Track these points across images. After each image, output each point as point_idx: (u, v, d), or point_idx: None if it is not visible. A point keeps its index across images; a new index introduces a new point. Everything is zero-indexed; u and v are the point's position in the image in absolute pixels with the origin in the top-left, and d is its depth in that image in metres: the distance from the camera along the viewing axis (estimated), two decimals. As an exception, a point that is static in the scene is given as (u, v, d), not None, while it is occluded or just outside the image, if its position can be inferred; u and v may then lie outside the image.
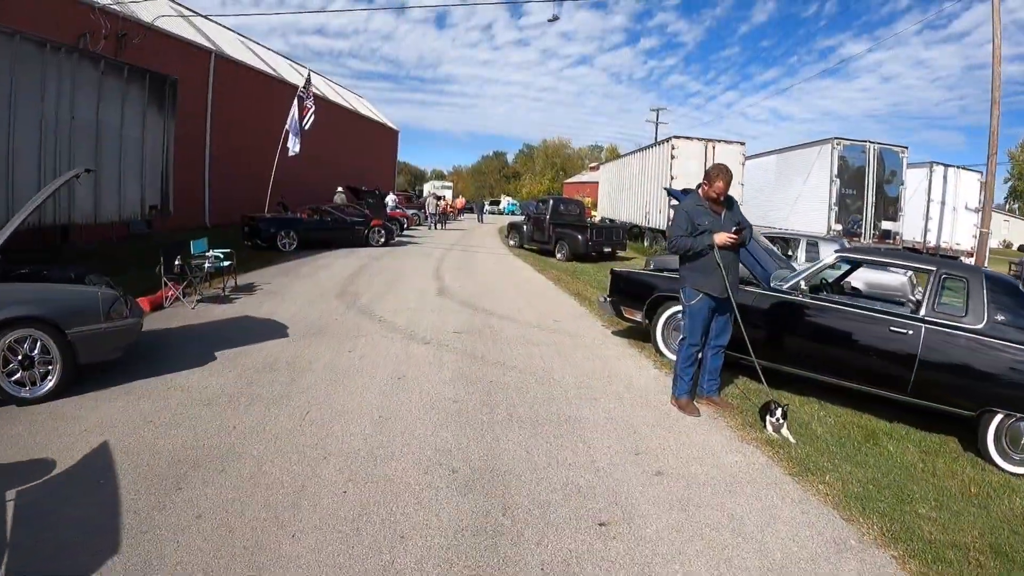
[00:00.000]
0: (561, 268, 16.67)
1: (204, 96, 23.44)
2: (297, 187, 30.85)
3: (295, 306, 9.48)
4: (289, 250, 17.59)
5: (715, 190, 5.37)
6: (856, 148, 19.06)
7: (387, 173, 51.47)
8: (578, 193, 71.10)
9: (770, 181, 23.14)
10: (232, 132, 24.92)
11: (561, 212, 20.98)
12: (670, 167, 21.06)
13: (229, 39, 28.83)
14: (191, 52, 22.66)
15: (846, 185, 19.03)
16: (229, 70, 25.17)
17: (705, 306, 5.49)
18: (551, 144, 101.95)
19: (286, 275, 13.06)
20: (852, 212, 19.11)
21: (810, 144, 20.69)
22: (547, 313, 9.80)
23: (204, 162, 23.81)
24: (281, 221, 18.31)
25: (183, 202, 22.73)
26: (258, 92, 26.58)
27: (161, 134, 14.93)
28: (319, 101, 35.35)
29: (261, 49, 34.21)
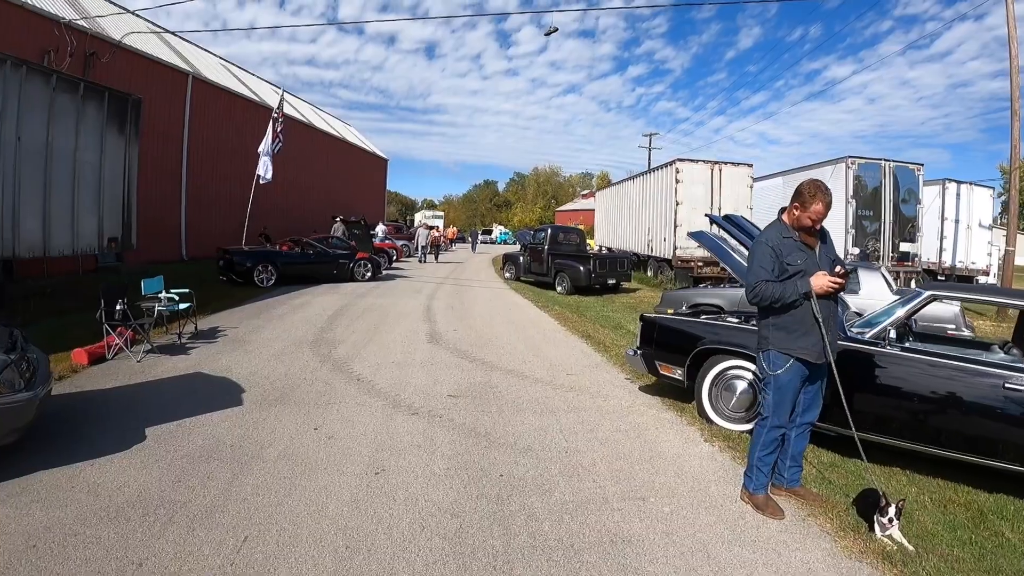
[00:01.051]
0: (563, 303, 15.23)
1: (181, 120, 22.12)
2: (283, 217, 29.46)
3: (259, 359, 7.96)
4: (267, 286, 16.22)
5: (812, 214, 3.93)
6: (871, 167, 18.11)
7: (377, 202, 50.22)
8: (571, 221, 70.10)
9: (776, 204, 21.89)
10: (212, 159, 23.58)
11: (560, 242, 19.61)
12: (674, 192, 19.79)
13: (210, 63, 27.63)
14: (167, 73, 21.39)
15: (863, 206, 18.07)
16: (208, 93, 23.90)
17: (797, 376, 4.04)
18: (542, 172, 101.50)
19: (258, 316, 11.58)
20: (869, 235, 18.09)
21: (822, 164, 19.59)
22: (558, 363, 8.30)
23: (181, 190, 22.41)
24: (258, 254, 16.89)
25: (158, 233, 21.31)
26: (240, 117, 25.26)
27: (122, 159, 13.45)
28: (304, 128, 34.23)
29: (244, 74, 33.06)
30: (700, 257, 19.81)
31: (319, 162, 36.03)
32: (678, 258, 19.83)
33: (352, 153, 43.61)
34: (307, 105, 41.99)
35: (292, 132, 31.82)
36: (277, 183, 21.65)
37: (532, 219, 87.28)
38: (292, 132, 31.82)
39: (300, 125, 33.73)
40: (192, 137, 22.49)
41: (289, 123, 31.59)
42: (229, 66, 31.64)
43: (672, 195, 19.94)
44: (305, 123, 34.66)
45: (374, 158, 49.62)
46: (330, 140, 38.62)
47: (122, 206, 13.61)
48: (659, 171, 21.55)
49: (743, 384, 5.73)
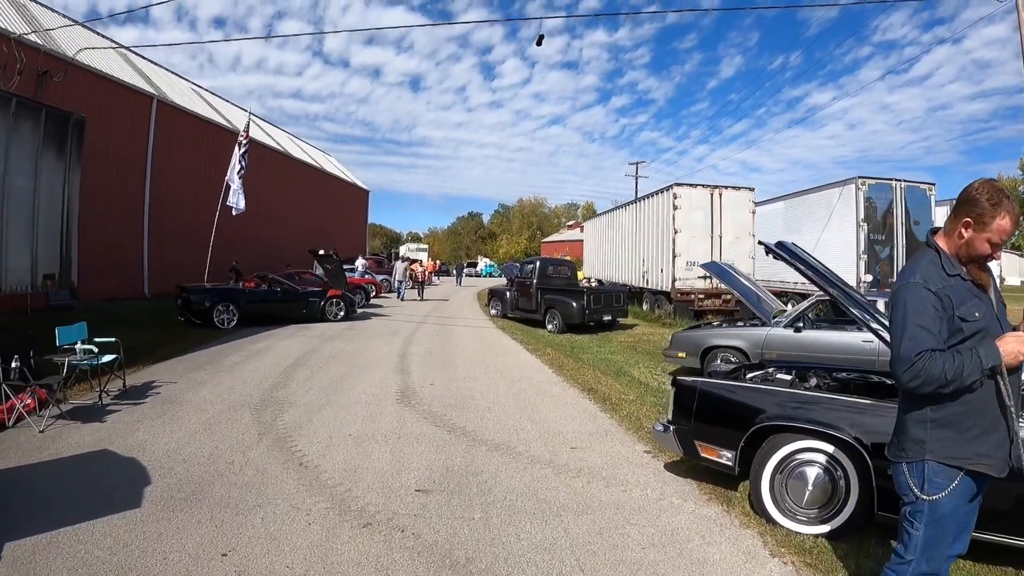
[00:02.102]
0: (556, 344, 13.66)
1: (144, 146, 20.57)
2: (256, 250, 27.78)
3: (185, 430, 6.33)
4: (228, 327, 14.67)
5: (995, 234, 2.43)
6: (882, 187, 17.13)
7: (358, 235, 48.75)
8: (557, 252, 68.89)
9: (776, 231, 20.84)
10: (178, 188, 21.97)
11: (550, 275, 18.12)
12: (672, 219, 18.41)
13: (179, 88, 26.18)
14: (128, 96, 19.88)
15: (874, 230, 17.05)
16: (176, 119, 22.39)
17: (964, 497, 2.49)
18: (527, 204, 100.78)
19: (205, 367, 9.97)
20: (882, 260, 17.03)
21: (828, 186, 18.64)
22: (558, 430, 6.67)
23: (143, 222, 20.74)
24: (218, 292, 15.34)
25: (117, 268, 19.61)
26: (211, 145, 23.68)
27: (61, 185, 11.80)
28: (280, 157, 32.68)
29: (218, 100, 31.59)
30: (701, 289, 18.45)
31: (296, 192, 34.53)
32: (677, 290, 18.39)
33: (332, 184, 42.17)
34: (284, 134, 40.62)
35: (267, 161, 30.44)
36: (250, 214, 20.14)
37: (518, 251, 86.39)
38: (267, 161, 30.44)
39: (276, 154, 32.31)
40: (156, 165, 20.90)
41: (264, 152, 30.28)
42: (200, 91, 30.22)
43: (670, 222, 18.56)
44: (281, 152, 33.24)
45: (355, 189, 48.21)
46: (308, 170, 37.17)
47: (60, 238, 11.93)
48: (655, 197, 20.19)
49: (816, 470, 4.19)
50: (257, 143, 29.06)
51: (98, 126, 18.17)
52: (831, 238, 17.97)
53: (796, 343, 9.01)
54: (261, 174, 28.13)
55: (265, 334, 13.91)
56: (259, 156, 28.98)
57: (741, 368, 5.53)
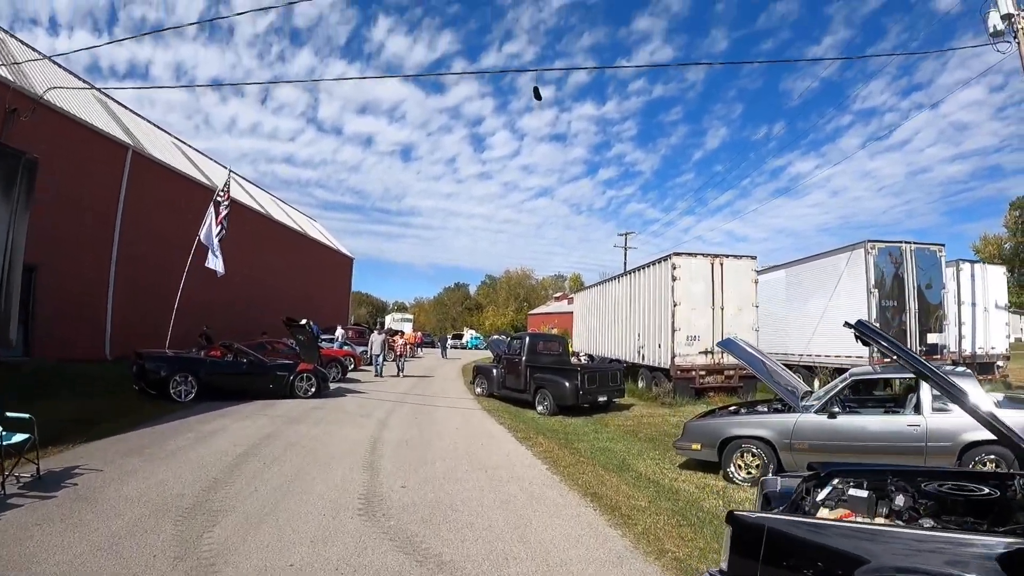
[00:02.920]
0: (548, 430, 12.25)
1: (115, 198, 19.38)
2: (232, 315, 26.35)
3: (86, 543, 5.00)
4: (185, 400, 13.29)
5: None
6: (892, 251, 16.39)
7: (341, 303, 47.49)
8: (544, 324, 67.68)
9: (778, 301, 20.08)
10: (151, 245, 20.68)
11: (539, 352, 16.84)
12: (671, 290, 17.33)
13: (159, 140, 25.28)
14: (102, 143, 18.86)
15: (886, 296, 16.17)
16: (152, 172, 21.35)
17: None
18: (514, 275, 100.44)
19: (142, 452, 8.59)
20: (895, 327, 16.05)
21: (834, 252, 17.85)
22: (560, 560, 5.18)
23: (109, 278, 19.34)
24: (176, 361, 14.02)
25: (77, 324, 18.10)
26: (188, 202, 22.42)
27: (5, 230, 10.55)
28: (262, 219, 31.55)
29: (201, 158, 30.68)
30: (702, 365, 17.25)
31: (278, 257, 33.38)
32: (677, 367, 17.11)
33: (316, 250, 41.15)
34: (268, 196, 39.79)
35: (249, 223, 29.37)
36: (228, 277, 18.96)
37: (504, 322, 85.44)
38: (249, 223, 29.37)
39: (258, 216, 31.33)
40: (128, 218, 19.67)
41: (247, 213, 29.23)
42: (183, 147, 29.33)
43: (668, 294, 17.47)
44: (264, 214, 32.24)
45: (339, 256, 47.22)
46: (291, 234, 36.18)
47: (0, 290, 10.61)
48: (652, 267, 19.18)
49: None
50: (239, 204, 28.09)
51: (67, 172, 17.17)
52: (839, 305, 17.06)
53: (830, 431, 7.77)
54: (242, 236, 27.00)
55: (223, 411, 12.41)
56: (241, 217, 27.94)
57: (803, 483, 4.23)
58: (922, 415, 7.45)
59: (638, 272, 20.77)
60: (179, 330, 17.72)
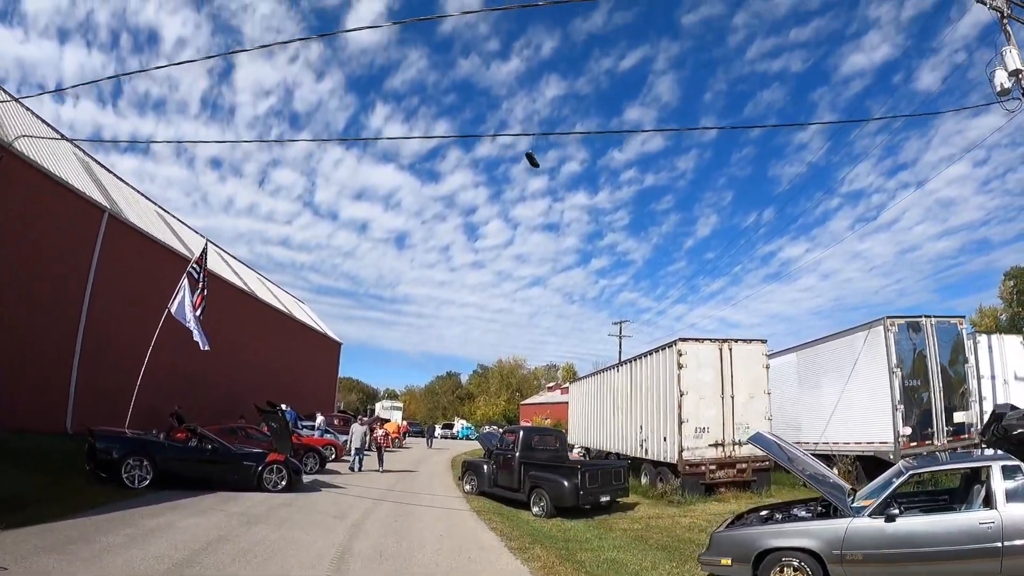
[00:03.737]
0: (546, 537, 10.73)
1: (87, 263, 18.25)
2: (209, 396, 24.78)
3: None
4: (138, 486, 11.83)
5: None
6: (912, 327, 15.53)
7: (326, 389, 45.82)
8: (536, 415, 65.61)
9: (790, 386, 19.04)
10: (124, 316, 19.40)
11: (534, 447, 15.51)
12: (677, 379, 16.14)
13: (140, 207, 24.44)
14: (75, 203, 17.91)
15: (909, 375, 15.14)
16: (129, 239, 20.36)
17: None
18: (506, 365, 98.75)
19: (63, 549, 7.15)
20: (920, 408, 15.05)
21: (850, 331, 16.96)
22: None
23: (75, 347, 17.93)
24: (132, 442, 12.53)
25: (36, 393, 16.47)
26: (166, 273, 21.21)
27: None
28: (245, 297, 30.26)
29: (184, 229, 29.75)
30: (712, 458, 15.92)
31: (261, 337, 32.06)
32: (685, 462, 15.67)
33: (302, 332, 39.89)
34: (254, 275, 38.83)
35: (231, 299, 28.22)
36: (206, 355, 17.60)
37: (496, 412, 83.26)
38: (231, 299, 28.22)
39: (241, 293, 30.21)
40: (99, 285, 18.45)
41: (229, 289, 28.08)
42: (166, 216, 28.46)
43: (674, 383, 16.26)
44: (247, 291, 31.10)
45: (327, 340, 45.89)
46: (276, 315, 34.99)
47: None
48: (655, 355, 18.04)
49: None
50: (221, 280, 27.07)
51: (35, 228, 16.24)
52: (858, 388, 16.10)
53: (891, 537, 6.40)
54: (224, 313, 25.86)
55: (176, 504, 10.85)
56: (223, 294, 26.91)
57: None
58: (995, 509, 6.15)
59: (640, 360, 19.60)
60: (147, 408, 16.42)
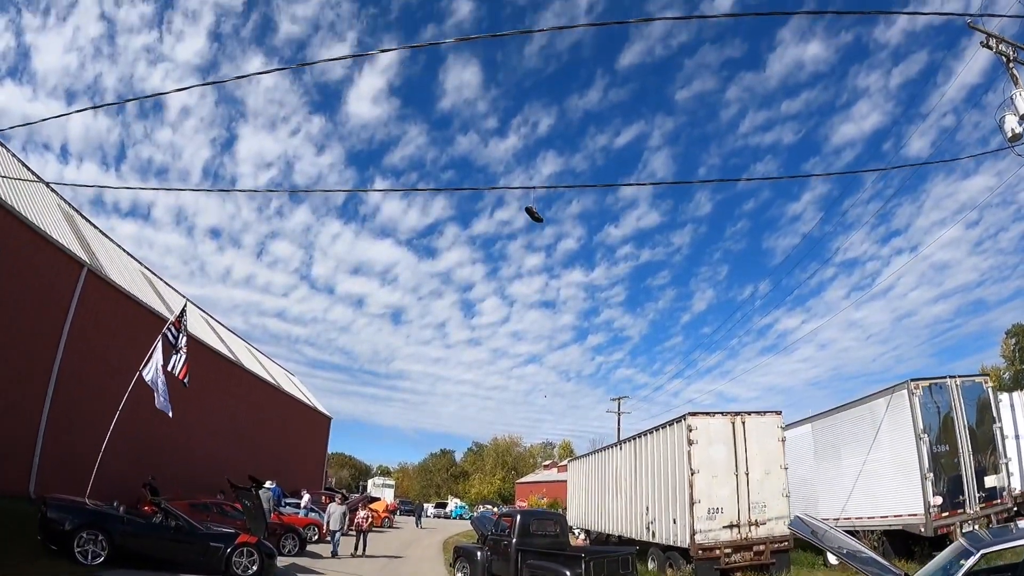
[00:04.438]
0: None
1: (61, 319, 17.15)
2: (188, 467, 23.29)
3: None
4: (91, 562, 10.73)
5: None
6: (937, 389, 14.80)
7: (315, 464, 44.08)
8: (532, 494, 63.46)
9: (805, 459, 18.11)
10: (97, 376, 18.20)
11: (533, 533, 14.32)
12: (687, 456, 15.03)
13: (125, 266, 23.63)
14: (53, 255, 16.99)
15: (937, 440, 14.34)
16: (109, 298, 19.40)
17: None
18: (501, 442, 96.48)
19: None
20: (950, 475, 14.22)
21: (870, 398, 16.19)
22: None
23: (43, 407, 16.67)
24: (87, 514, 11.33)
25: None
26: (148, 336, 20.21)
27: None
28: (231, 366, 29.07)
29: (170, 292, 28.80)
30: (728, 541, 14.66)
31: (247, 408, 30.73)
32: (698, 546, 14.35)
33: (291, 405, 38.50)
34: (242, 343, 37.74)
35: (215, 367, 27.10)
36: (188, 424, 16.50)
37: (491, 491, 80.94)
38: (215, 367, 27.10)
39: (227, 361, 29.04)
40: (73, 344, 17.28)
41: (214, 357, 26.96)
42: (151, 276, 27.59)
43: (684, 460, 15.13)
44: (233, 360, 29.96)
45: (317, 415, 44.38)
46: (263, 386, 33.72)
47: None
48: (663, 431, 16.97)
49: None
50: (207, 347, 26.02)
51: (9, 279, 15.35)
52: (881, 458, 15.23)
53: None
54: (209, 382, 24.81)
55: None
56: (209, 362, 25.90)
57: None
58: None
59: (645, 437, 18.48)
60: (118, 476, 15.44)
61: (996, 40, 13.24)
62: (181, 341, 14.66)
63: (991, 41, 13.26)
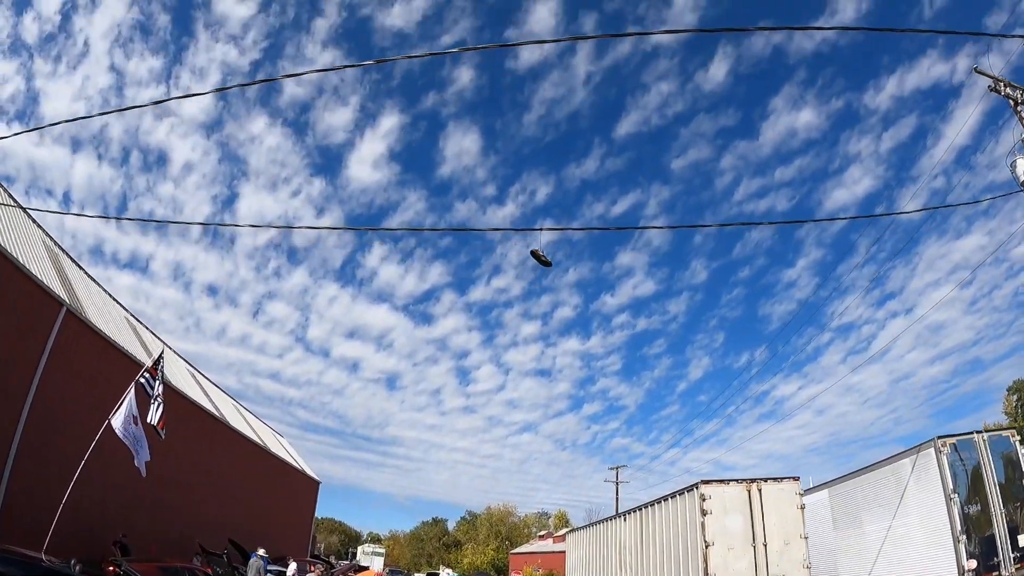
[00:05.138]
0: None
1: (35, 360, 15.94)
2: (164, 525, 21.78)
3: None
4: None
5: None
6: (965, 445, 13.97)
7: (302, 529, 42.08)
8: (527, 565, 61.02)
9: (824, 527, 17.16)
10: (71, 424, 16.89)
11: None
12: (701, 528, 14.01)
13: (107, 310, 22.53)
14: (31, 291, 15.94)
15: (967, 500, 13.45)
16: (86, 341, 18.23)
17: None
18: (495, 512, 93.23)
19: None
20: (984, 535, 13.21)
21: (893, 459, 15.34)
22: None
23: (9, 448, 15.37)
24: (33, 570, 10.20)
25: None
26: (125, 381, 19.03)
27: None
28: (215, 423, 27.66)
29: (155, 341, 27.52)
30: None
31: (231, 468, 29.27)
32: (716, 628, 13.12)
33: (278, 467, 36.95)
34: (227, 399, 36.35)
35: (199, 424, 25.86)
36: (163, 479, 15.24)
37: (484, 561, 77.80)
38: (199, 424, 25.86)
39: (212, 419, 27.78)
40: (45, 388, 15.95)
41: (197, 413, 25.64)
42: (135, 323, 26.49)
43: (697, 532, 14.10)
44: (218, 418, 28.69)
45: (305, 478, 42.69)
46: (250, 446, 32.31)
47: None
48: (672, 500, 15.94)
49: None
50: (190, 401, 24.88)
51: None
52: (909, 522, 14.26)
53: None
54: (189, 436, 23.67)
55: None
56: (191, 417, 24.74)
57: None
58: None
59: (653, 507, 17.38)
60: (86, 531, 14.60)
61: (1004, 84, 13.24)
62: (157, 389, 13.69)
63: (999, 85, 13.30)
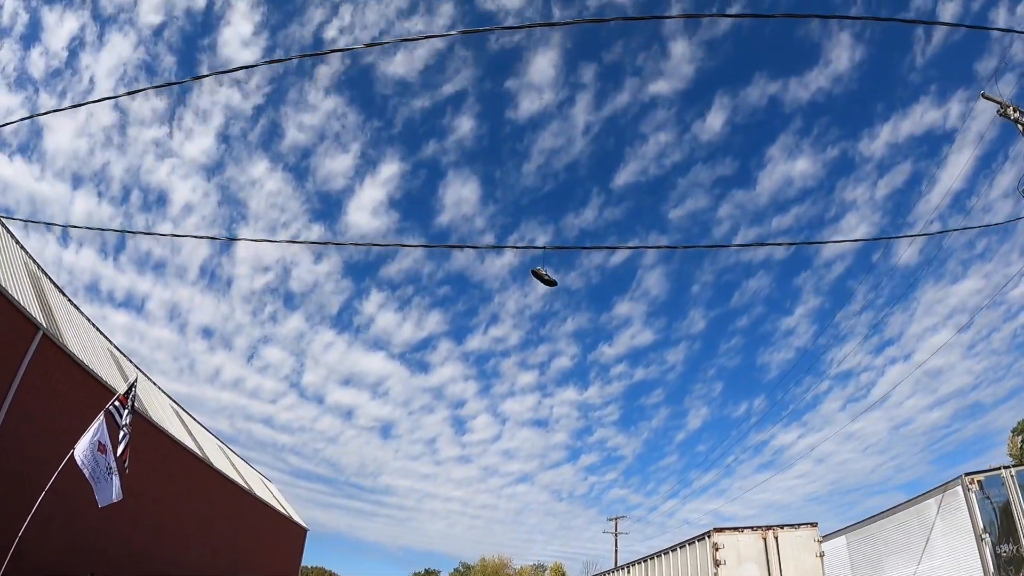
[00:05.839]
0: None
1: (6, 384, 14.87)
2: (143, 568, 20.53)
3: None
4: None
5: None
6: (993, 482, 13.18)
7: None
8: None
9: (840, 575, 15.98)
10: (43, 454, 15.63)
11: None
12: (713, 576, 12.85)
13: (89, 339, 21.47)
14: (6, 311, 14.98)
15: (1000, 540, 12.62)
16: (62, 368, 17.23)
17: None
18: (490, 563, 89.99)
19: None
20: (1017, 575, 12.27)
21: (918, 500, 14.41)
22: None
23: None
24: None
25: None
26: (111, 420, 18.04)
27: None
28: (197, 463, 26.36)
29: (136, 372, 26.35)
30: None
31: (212, 511, 27.92)
32: None
33: (263, 513, 35.45)
34: (212, 439, 34.93)
35: (178, 462, 24.64)
36: (142, 521, 14.06)
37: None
38: (178, 462, 24.64)
39: (194, 458, 26.49)
40: (16, 414, 14.76)
41: (176, 450, 24.45)
42: (117, 355, 25.36)
43: (709, 580, 12.97)
44: (200, 457, 27.39)
45: (292, 525, 41.02)
46: (233, 489, 30.91)
47: None
48: (683, 550, 15.03)
49: None
50: (168, 436, 23.68)
51: None
52: (937, 566, 13.32)
53: None
54: (168, 474, 22.65)
55: None
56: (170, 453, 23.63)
57: None
58: None
59: (661, 557, 16.41)
60: (52, 569, 13.47)
61: (1012, 109, 13.21)
62: (125, 419, 12.72)
63: (1007, 110, 13.29)
